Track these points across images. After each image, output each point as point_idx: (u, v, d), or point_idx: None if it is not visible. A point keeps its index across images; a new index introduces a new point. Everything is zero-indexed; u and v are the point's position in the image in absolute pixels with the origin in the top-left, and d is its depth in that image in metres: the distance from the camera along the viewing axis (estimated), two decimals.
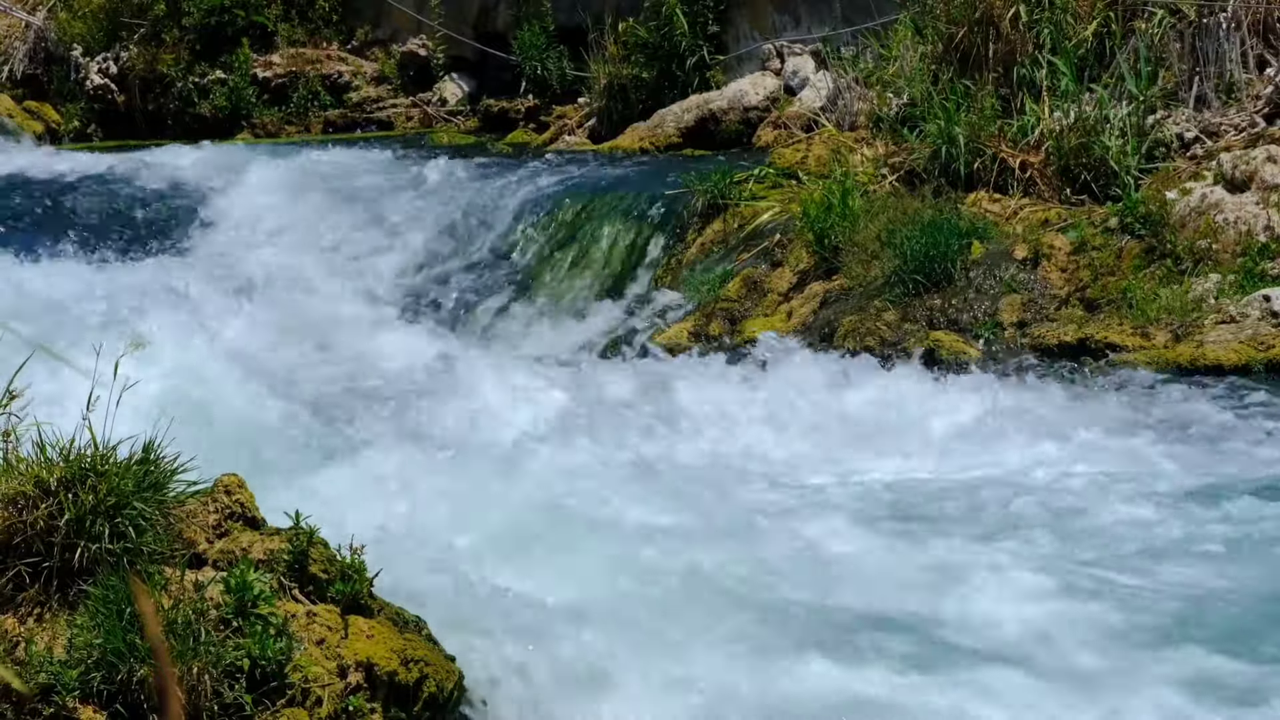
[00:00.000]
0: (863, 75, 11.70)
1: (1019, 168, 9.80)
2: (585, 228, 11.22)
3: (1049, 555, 6.18)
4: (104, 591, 4.57)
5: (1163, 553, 6.18)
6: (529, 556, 5.95)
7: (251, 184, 12.55)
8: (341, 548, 5.01)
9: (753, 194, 10.67)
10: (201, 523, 5.02)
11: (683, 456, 7.64)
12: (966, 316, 8.74)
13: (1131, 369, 8.07)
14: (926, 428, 7.75)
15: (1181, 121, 9.75)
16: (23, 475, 4.73)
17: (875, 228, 9.38)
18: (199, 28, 15.86)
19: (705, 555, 6.01)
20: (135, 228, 12.20)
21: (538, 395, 8.57)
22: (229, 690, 4.56)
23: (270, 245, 11.76)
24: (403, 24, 15.95)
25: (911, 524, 6.59)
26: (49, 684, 4.47)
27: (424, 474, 6.86)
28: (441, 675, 5.00)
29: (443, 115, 15.37)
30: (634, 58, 13.70)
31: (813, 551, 6.22)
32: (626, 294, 10.62)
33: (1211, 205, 8.79)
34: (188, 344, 8.52)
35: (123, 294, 9.97)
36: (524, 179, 12.16)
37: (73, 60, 16.26)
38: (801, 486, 7.17)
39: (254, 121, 15.64)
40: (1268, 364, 7.89)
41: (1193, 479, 6.94)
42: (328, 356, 9.71)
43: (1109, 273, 8.75)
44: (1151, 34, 10.07)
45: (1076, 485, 6.94)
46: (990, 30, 10.44)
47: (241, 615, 4.67)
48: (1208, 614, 5.64)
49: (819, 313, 9.26)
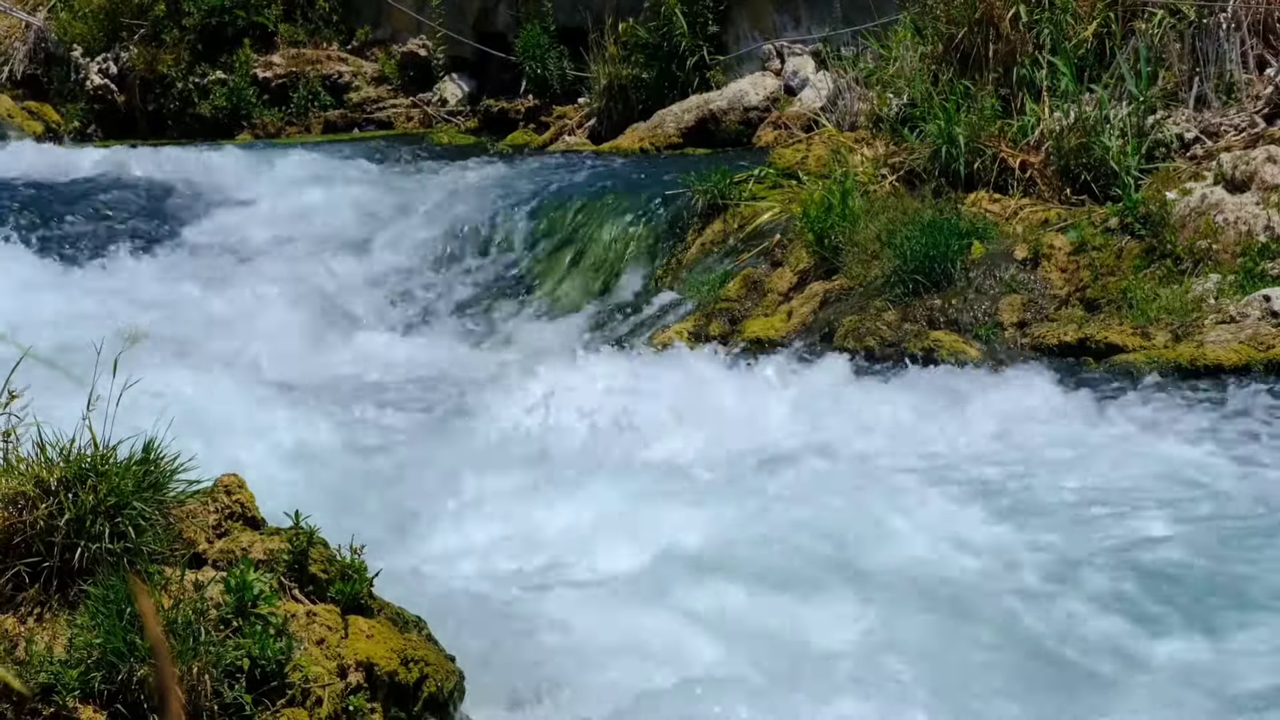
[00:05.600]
0: (863, 75, 11.70)
1: (1019, 168, 9.80)
2: (585, 228, 11.23)
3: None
4: (104, 591, 4.57)
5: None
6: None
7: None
8: (341, 548, 5.01)
9: (753, 194, 10.67)
10: (201, 523, 5.02)
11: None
12: (966, 317, 8.74)
13: (1132, 369, 8.07)
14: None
15: (1181, 122, 9.75)
16: (23, 475, 4.73)
17: (875, 228, 9.38)
18: (199, 28, 15.87)
19: None
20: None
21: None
22: (229, 690, 4.56)
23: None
24: (403, 24, 15.95)
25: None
26: (49, 684, 4.47)
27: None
28: (442, 675, 5.00)
29: (443, 115, 15.37)
30: (634, 58, 13.70)
31: None
32: (626, 294, 10.62)
33: (1211, 205, 8.79)
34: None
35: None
36: (524, 179, 12.16)
37: (73, 60, 16.27)
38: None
39: (254, 122, 15.65)
40: (1268, 364, 7.88)
41: (1193, 478, 6.94)
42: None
43: (1109, 273, 8.75)
44: (1151, 34, 10.07)
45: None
46: (990, 30, 10.44)
47: (241, 615, 4.67)
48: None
49: (819, 313, 9.25)
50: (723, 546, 6.20)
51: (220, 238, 12.01)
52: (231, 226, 12.13)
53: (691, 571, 5.97)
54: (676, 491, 6.86)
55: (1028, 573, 6.05)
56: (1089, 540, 6.35)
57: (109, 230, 12.05)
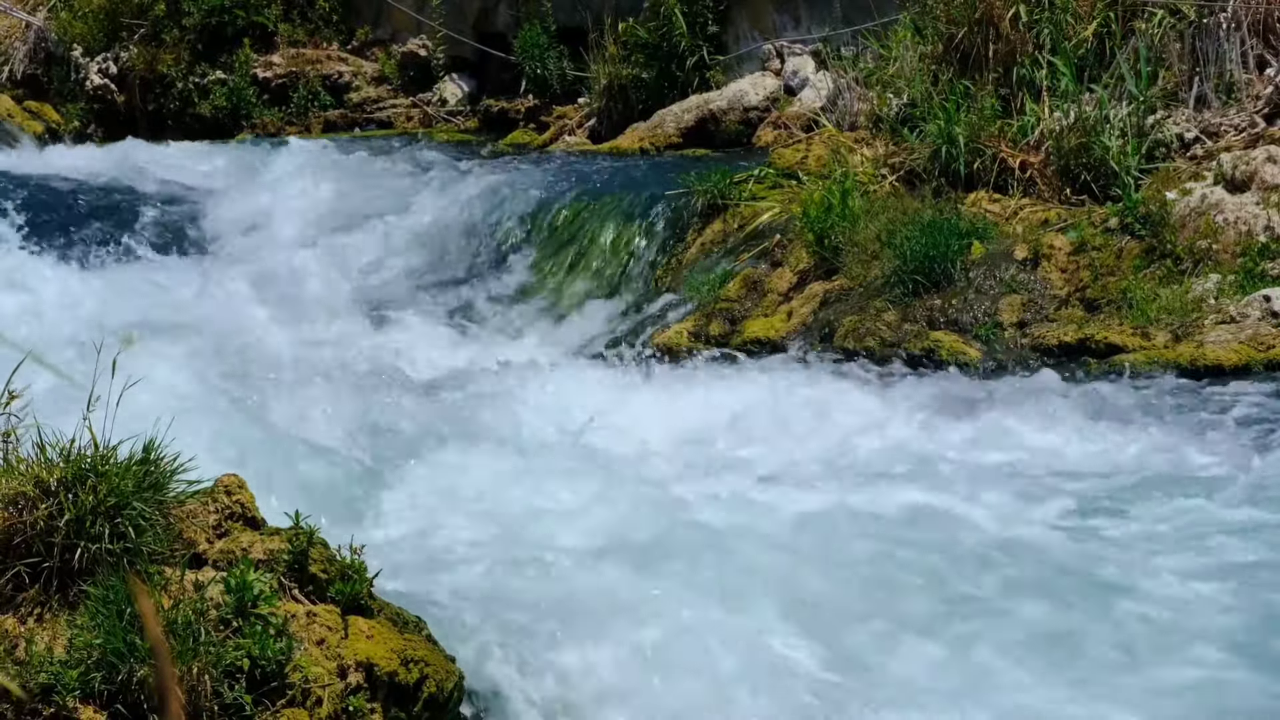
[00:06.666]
0: (863, 75, 11.69)
1: (1019, 168, 9.80)
2: (585, 228, 11.22)
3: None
4: (104, 592, 4.57)
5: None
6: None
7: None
8: (341, 548, 5.01)
9: (753, 194, 10.67)
10: (201, 523, 5.02)
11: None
12: (966, 317, 8.74)
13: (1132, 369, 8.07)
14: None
15: (1181, 122, 9.75)
16: (23, 475, 4.73)
17: (875, 228, 9.38)
18: (199, 28, 15.86)
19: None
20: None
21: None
22: (229, 690, 4.56)
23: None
24: (403, 24, 15.95)
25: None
26: (49, 684, 4.47)
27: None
28: (441, 675, 5.00)
29: (443, 115, 15.37)
30: (634, 58, 13.70)
31: None
32: (626, 294, 10.62)
33: (1211, 205, 8.79)
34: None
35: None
36: (523, 179, 12.16)
37: (73, 60, 16.26)
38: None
39: (254, 122, 15.65)
40: (1268, 364, 7.88)
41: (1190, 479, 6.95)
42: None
43: (1109, 273, 8.75)
44: (1151, 34, 10.07)
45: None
46: (990, 30, 10.44)
47: (241, 615, 4.67)
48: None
49: (819, 313, 9.26)
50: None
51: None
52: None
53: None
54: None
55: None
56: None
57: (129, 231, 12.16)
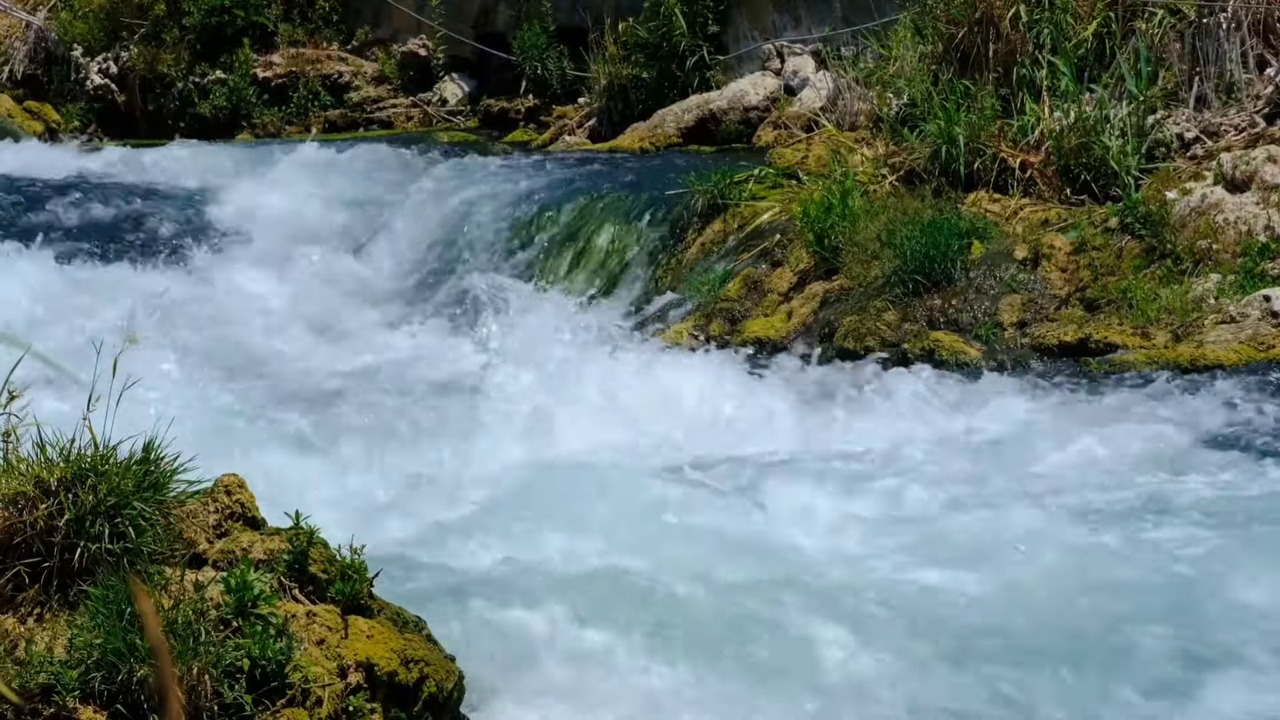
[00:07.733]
0: (863, 75, 11.70)
1: (1019, 168, 9.80)
2: (585, 228, 11.22)
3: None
4: (104, 591, 4.56)
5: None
6: None
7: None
8: (341, 548, 5.01)
9: (753, 194, 10.66)
10: (201, 523, 5.02)
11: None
12: (966, 317, 8.74)
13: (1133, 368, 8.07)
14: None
15: (1181, 122, 9.74)
16: (23, 475, 4.73)
17: (875, 228, 9.38)
18: (199, 28, 15.87)
19: None
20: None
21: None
22: (229, 690, 4.56)
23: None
24: (403, 24, 15.95)
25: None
26: (49, 684, 4.47)
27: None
28: (441, 675, 5.00)
29: (443, 115, 15.38)
30: (634, 58, 13.70)
31: None
32: (626, 294, 10.61)
33: (1212, 205, 8.79)
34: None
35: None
36: (523, 179, 12.15)
37: (73, 60, 16.27)
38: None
39: (254, 122, 15.66)
40: (1268, 364, 7.88)
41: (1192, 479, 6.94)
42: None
43: (1109, 273, 8.75)
44: (1151, 34, 10.07)
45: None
46: (990, 30, 10.44)
47: (241, 615, 4.67)
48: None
49: (819, 313, 9.25)
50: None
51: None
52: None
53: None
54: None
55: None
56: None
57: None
